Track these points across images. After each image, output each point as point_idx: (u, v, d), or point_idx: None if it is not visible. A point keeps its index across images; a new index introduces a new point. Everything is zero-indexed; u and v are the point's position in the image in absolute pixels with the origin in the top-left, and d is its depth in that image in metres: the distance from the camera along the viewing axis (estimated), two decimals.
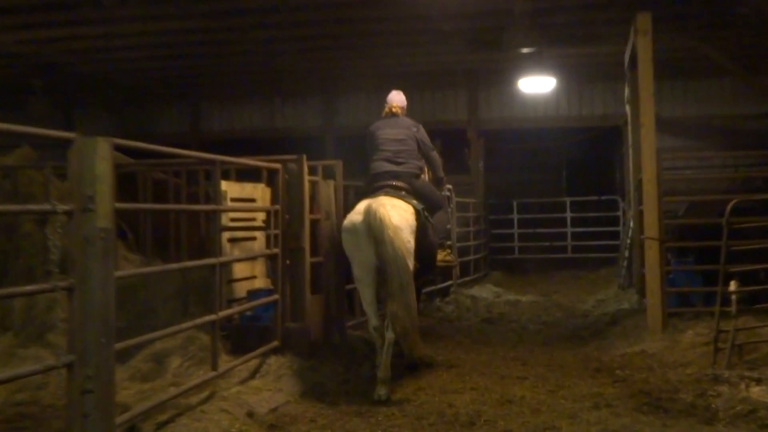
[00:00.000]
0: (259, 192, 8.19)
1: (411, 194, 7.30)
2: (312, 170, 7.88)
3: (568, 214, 18.65)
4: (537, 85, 14.66)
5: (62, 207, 4.01)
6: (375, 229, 6.48)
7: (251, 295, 7.42)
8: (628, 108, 11.72)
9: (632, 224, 12.17)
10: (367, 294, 6.88)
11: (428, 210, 7.41)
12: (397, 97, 8.05)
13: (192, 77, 16.54)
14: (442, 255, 8.22)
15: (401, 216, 6.81)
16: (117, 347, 4.28)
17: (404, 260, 6.49)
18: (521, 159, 20.78)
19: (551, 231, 18.61)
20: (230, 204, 7.62)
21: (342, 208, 8.22)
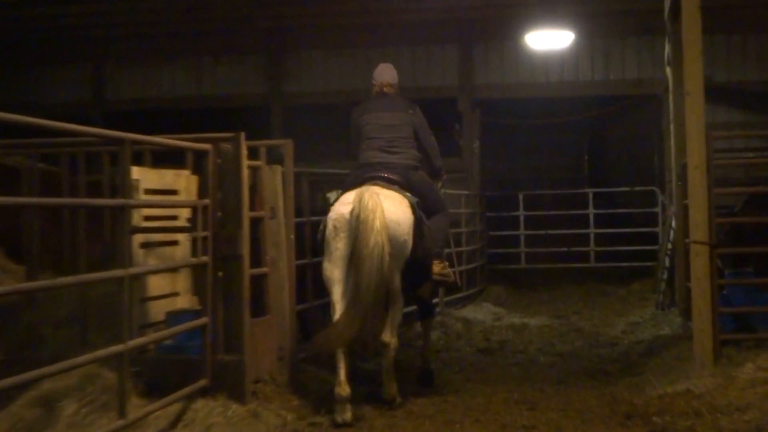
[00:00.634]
0: (183, 182, 8.15)
1: (406, 189, 7.62)
2: (253, 152, 7.86)
3: (591, 211, 18.70)
4: (550, 41, 14.76)
5: None
6: (364, 221, 6.81)
7: (172, 319, 7.39)
8: (670, 71, 11.80)
9: (674, 224, 12.27)
10: (337, 291, 7.29)
11: (425, 210, 7.68)
12: (388, 73, 8.22)
13: (93, 28, 16.39)
14: (439, 267, 8.37)
15: (398, 208, 7.18)
16: None
17: (386, 259, 6.83)
18: (529, 138, 20.84)
19: (569, 233, 18.70)
20: (144, 198, 7.58)
21: (293, 203, 8.23)
